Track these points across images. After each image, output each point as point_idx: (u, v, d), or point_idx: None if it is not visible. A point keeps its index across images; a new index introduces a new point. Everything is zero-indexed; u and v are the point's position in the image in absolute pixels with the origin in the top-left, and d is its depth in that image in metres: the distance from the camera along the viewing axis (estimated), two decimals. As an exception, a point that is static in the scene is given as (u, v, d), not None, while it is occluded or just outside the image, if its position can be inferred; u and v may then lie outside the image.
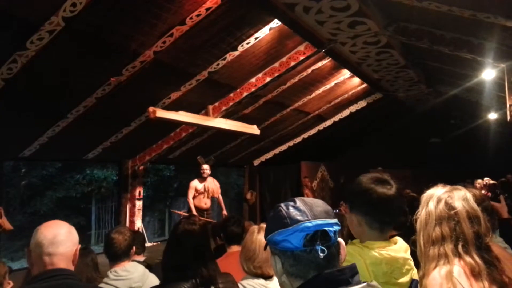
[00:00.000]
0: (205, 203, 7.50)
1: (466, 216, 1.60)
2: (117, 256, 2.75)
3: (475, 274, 1.52)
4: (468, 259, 1.55)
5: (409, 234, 1.80)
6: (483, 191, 6.83)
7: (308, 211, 1.09)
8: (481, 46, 4.50)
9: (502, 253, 1.90)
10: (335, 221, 1.11)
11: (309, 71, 6.78)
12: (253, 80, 6.26)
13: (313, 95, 7.98)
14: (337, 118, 9.81)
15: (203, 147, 8.10)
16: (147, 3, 3.98)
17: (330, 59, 6.48)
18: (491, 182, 8.13)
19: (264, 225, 1.57)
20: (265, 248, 1.17)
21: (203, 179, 7.49)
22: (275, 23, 5.01)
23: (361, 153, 12.01)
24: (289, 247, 1.07)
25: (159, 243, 8.23)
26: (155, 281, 2.71)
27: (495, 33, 4.01)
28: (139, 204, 7.54)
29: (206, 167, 7.53)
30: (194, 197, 7.39)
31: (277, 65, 6.01)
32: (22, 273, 3.84)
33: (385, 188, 1.67)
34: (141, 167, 7.50)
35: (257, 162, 11.02)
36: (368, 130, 12.11)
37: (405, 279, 1.67)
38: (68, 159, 9.33)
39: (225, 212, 7.81)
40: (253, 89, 6.34)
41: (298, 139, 10.42)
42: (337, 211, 6.84)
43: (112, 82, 4.84)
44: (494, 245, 1.80)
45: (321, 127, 10.08)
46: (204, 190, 7.44)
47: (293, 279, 1.09)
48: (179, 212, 7.97)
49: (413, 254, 1.75)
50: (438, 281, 1.54)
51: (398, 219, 1.79)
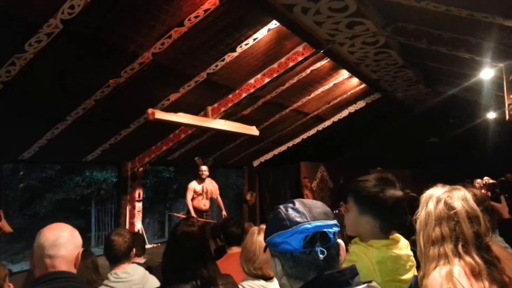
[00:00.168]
0: (204, 204, 7.48)
1: (465, 216, 1.60)
2: (117, 258, 2.76)
3: (475, 274, 1.52)
4: (468, 259, 1.55)
5: (408, 234, 1.80)
6: (483, 191, 6.83)
7: (307, 212, 1.09)
8: (479, 45, 4.50)
9: (502, 252, 1.90)
10: (334, 222, 1.11)
11: (308, 71, 6.78)
12: (252, 81, 6.27)
13: (312, 95, 7.98)
14: (336, 118, 9.82)
15: (202, 149, 8.10)
16: (145, 5, 3.98)
17: (328, 59, 6.49)
18: (491, 181, 8.15)
19: (264, 227, 1.57)
20: (265, 250, 1.17)
21: (201, 180, 7.48)
22: (274, 24, 5.02)
23: (360, 154, 12.02)
24: (289, 249, 1.07)
25: (159, 244, 8.23)
26: (156, 283, 2.71)
27: (493, 33, 4.02)
28: (139, 206, 7.54)
29: (204, 169, 7.53)
30: (193, 199, 7.38)
31: (275, 66, 6.01)
32: (22, 276, 3.84)
33: (394, 189, 1.68)
34: (141, 169, 7.49)
35: (256, 163, 11.02)
36: (367, 130, 12.12)
37: (409, 276, 1.67)
38: (67, 162, 9.31)
39: (224, 212, 7.80)
40: (252, 90, 6.34)
41: (297, 140, 10.43)
42: (337, 211, 6.85)
43: (110, 84, 4.83)
44: (494, 244, 1.80)
45: (320, 127, 10.09)
46: (202, 191, 7.42)
47: (293, 280, 1.09)
48: (178, 214, 7.95)
49: (413, 254, 1.75)
50: (438, 281, 1.54)
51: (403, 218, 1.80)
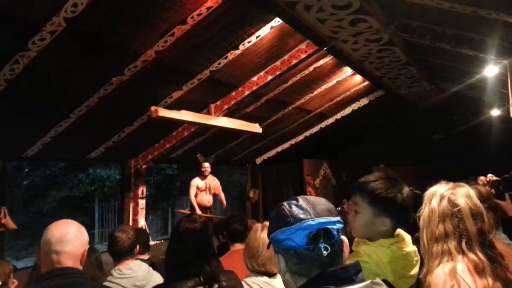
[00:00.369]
0: (208, 201, 7.55)
1: (469, 213, 1.60)
2: (121, 254, 2.77)
3: (479, 271, 1.53)
4: (471, 256, 1.55)
5: (412, 231, 1.80)
6: (486, 188, 6.80)
7: (310, 209, 1.09)
8: (483, 42, 4.48)
9: (506, 249, 1.90)
10: (338, 219, 1.11)
11: (311, 69, 6.77)
12: (255, 78, 6.26)
13: (315, 93, 7.97)
14: (339, 116, 9.80)
15: (205, 146, 8.11)
16: (148, 3, 3.98)
17: (331, 57, 6.47)
18: (494, 178, 8.10)
19: (267, 223, 1.57)
20: (268, 246, 1.17)
21: (204, 177, 7.56)
22: (276, 22, 5.01)
23: (364, 151, 12.00)
24: (292, 245, 1.07)
25: (162, 241, 8.24)
26: (159, 279, 2.72)
27: (497, 30, 4.00)
28: (142, 203, 7.55)
29: (207, 165, 7.60)
30: (196, 195, 7.45)
31: (278, 63, 6.00)
32: (26, 272, 3.85)
33: (405, 188, 1.68)
34: (144, 166, 7.51)
35: (259, 160, 11.03)
36: (370, 127, 12.09)
37: (415, 270, 1.67)
38: (71, 159, 9.34)
39: (224, 205, 8.00)
40: (255, 88, 6.33)
41: (300, 137, 10.42)
42: (340, 208, 6.85)
43: (114, 82, 4.84)
44: (498, 241, 1.80)
45: (323, 125, 10.08)
46: (205, 187, 7.49)
47: (296, 277, 1.09)
48: (183, 211, 7.97)
49: (418, 252, 1.75)
50: (442, 278, 1.54)
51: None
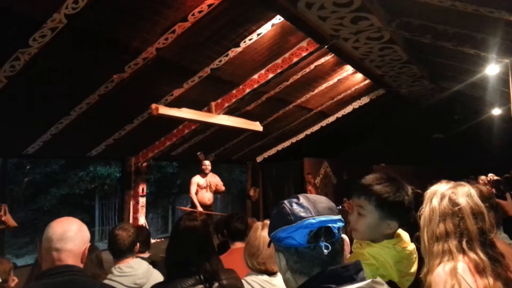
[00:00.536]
0: (209, 198, 7.56)
1: (470, 212, 1.60)
2: (121, 252, 2.77)
3: (479, 270, 1.52)
4: (472, 255, 1.55)
5: (412, 230, 1.80)
6: (487, 187, 6.79)
7: (311, 207, 1.09)
8: (484, 41, 4.47)
9: (507, 249, 1.89)
10: (339, 217, 1.11)
11: (312, 67, 6.76)
12: (256, 76, 6.25)
13: (316, 91, 7.96)
14: (340, 114, 9.80)
15: (206, 144, 8.11)
16: (149, 0, 3.97)
17: (332, 55, 6.46)
18: (495, 178, 8.10)
19: (268, 222, 1.57)
20: (269, 245, 1.17)
21: (204, 174, 7.59)
22: (278, 19, 4.99)
23: (364, 149, 11.99)
24: (293, 243, 1.07)
25: (163, 239, 8.25)
26: (160, 277, 2.72)
27: (498, 28, 3.98)
28: (143, 201, 7.55)
29: (207, 163, 7.62)
30: (196, 193, 7.47)
31: (279, 61, 5.98)
32: (27, 270, 3.84)
33: (410, 189, 1.69)
34: (144, 164, 7.50)
35: (260, 158, 11.02)
36: (371, 126, 12.08)
37: (415, 267, 1.68)
38: (71, 156, 9.33)
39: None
40: (256, 86, 6.32)
41: (301, 136, 10.41)
42: (341, 207, 6.84)
43: (114, 79, 4.83)
44: (498, 241, 1.80)
45: (324, 123, 10.08)
46: (206, 185, 7.50)
47: (297, 275, 1.09)
48: (185, 208, 7.98)
49: (417, 250, 1.75)
50: (442, 278, 1.54)
51: None
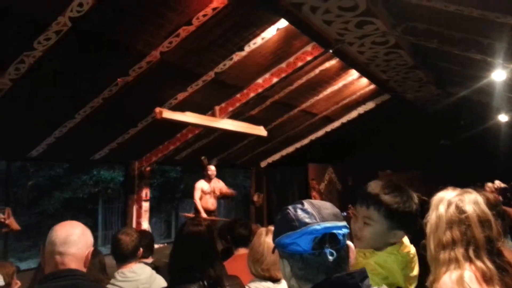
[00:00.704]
0: (212, 203, 7.50)
1: (477, 220, 1.58)
2: (124, 257, 2.75)
3: (486, 279, 1.50)
4: (479, 263, 1.53)
5: (418, 237, 1.78)
6: (494, 195, 6.73)
7: (316, 213, 1.07)
8: (491, 46, 4.43)
9: (514, 258, 1.86)
10: (344, 224, 1.10)
11: (317, 71, 6.73)
12: (260, 80, 6.24)
13: (321, 96, 7.94)
14: (345, 119, 9.76)
15: (210, 149, 8.09)
16: (153, 4, 3.97)
17: (337, 59, 6.44)
18: (502, 185, 8.01)
19: (272, 228, 1.55)
20: (273, 251, 1.16)
21: (209, 180, 7.52)
22: (282, 23, 4.99)
23: (370, 155, 11.92)
24: (298, 250, 1.05)
25: (166, 244, 8.23)
26: (163, 283, 2.70)
27: (505, 33, 3.96)
28: (146, 205, 7.54)
29: (213, 168, 7.56)
30: (200, 198, 7.38)
31: (284, 65, 5.97)
32: (29, 273, 3.83)
33: (416, 197, 1.68)
34: (148, 168, 7.50)
35: (264, 163, 10.99)
36: (376, 131, 12.03)
37: (416, 270, 1.68)
38: (75, 160, 9.36)
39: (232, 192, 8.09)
40: (260, 90, 6.31)
41: (305, 141, 10.38)
42: (346, 214, 6.80)
43: (118, 82, 4.84)
44: (506, 250, 1.77)
45: (329, 128, 10.04)
46: (210, 190, 7.45)
47: (302, 282, 1.08)
48: (188, 214, 7.91)
49: (423, 258, 1.72)
50: (449, 286, 1.52)
51: None
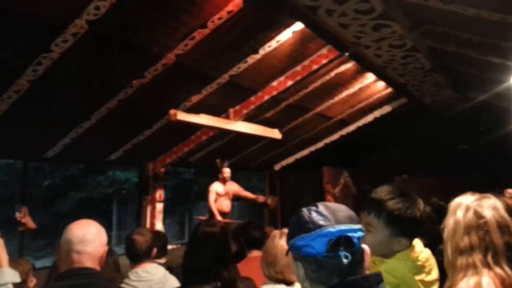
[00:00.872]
0: (227, 206, 7.55)
1: (496, 225, 1.56)
2: (138, 257, 2.78)
3: (505, 286, 1.48)
4: (498, 270, 1.50)
5: (436, 243, 1.75)
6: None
7: (331, 216, 1.06)
8: (510, 50, 4.36)
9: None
10: (359, 227, 1.09)
11: (332, 74, 6.68)
12: (275, 83, 6.22)
13: (336, 99, 7.88)
14: (360, 123, 9.67)
15: (224, 151, 8.10)
16: (169, 7, 4.00)
17: (353, 62, 6.39)
18: (522, 191, 7.85)
19: (286, 230, 1.54)
20: (287, 253, 1.15)
21: (224, 182, 7.54)
22: (298, 26, 4.97)
23: (386, 159, 11.77)
24: (312, 252, 1.04)
25: (179, 246, 8.24)
26: (176, 283, 2.71)
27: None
28: (160, 206, 7.57)
29: (228, 171, 7.59)
30: (215, 201, 7.41)
31: (299, 68, 5.94)
32: (45, 272, 3.88)
33: (422, 204, 1.65)
34: (162, 170, 7.54)
35: (278, 167, 10.96)
36: (392, 135, 11.89)
37: (435, 273, 1.65)
38: (91, 161, 9.46)
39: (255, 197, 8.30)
40: (275, 93, 6.29)
41: (320, 144, 10.30)
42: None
43: (134, 85, 4.88)
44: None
45: (344, 132, 9.96)
46: (225, 192, 7.48)
47: (316, 285, 1.07)
48: (204, 218, 7.90)
49: (440, 263, 1.70)
50: (466, 292, 1.49)
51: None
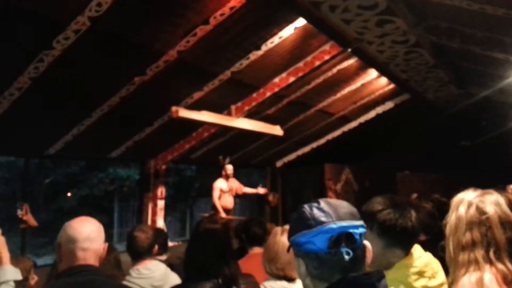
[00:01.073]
0: (230, 202, 7.61)
1: (498, 221, 1.55)
2: (139, 254, 2.78)
3: (507, 282, 1.47)
4: (500, 266, 1.49)
5: (437, 239, 1.75)
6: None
7: (332, 212, 1.06)
8: (514, 45, 4.34)
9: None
10: (361, 223, 1.08)
11: (334, 71, 6.65)
12: (277, 80, 6.20)
13: (338, 95, 7.85)
14: (362, 119, 9.63)
15: (225, 148, 8.09)
16: (171, 3, 3.98)
17: (356, 58, 6.36)
18: (525, 187, 7.84)
19: (287, 227, 1.54)
20: (288, 250, 1.14)
21: (227, 178, 7.59)
22: (300, 22, 4.95)
23: (388, 156, 11.75)
24: (313, 249, 1.03)
25: (180, 243, 8.25)
26: (177, 280, 2.71)
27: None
28: (161, 203, 7.57)
29: (231, 167, 7.63)
30: (219, 197, 7.45)
31: (301, 64, 5.92)
32: (46, 269, 3.89)
33: (414, 214, 1.69)
34: (163, 167, 7.53)
35: (279, 163, 10.95)
36: (394, 132, 11.87)
37: (441, 276, 1.65)
38: (92, 158, 9.46)
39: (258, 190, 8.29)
40: (277, 89, 6.27)
41: (322, 141, 10.28)
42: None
43: (135, 81, 4.87)
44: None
45: (346, 128, 9.92)
46: (229, 189, 7.53)
47: (317, 282, 1.06)
48: (207, 215, 7.95)
49: (442, 260, 1.69)
50: (467, 288, 1.48)
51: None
